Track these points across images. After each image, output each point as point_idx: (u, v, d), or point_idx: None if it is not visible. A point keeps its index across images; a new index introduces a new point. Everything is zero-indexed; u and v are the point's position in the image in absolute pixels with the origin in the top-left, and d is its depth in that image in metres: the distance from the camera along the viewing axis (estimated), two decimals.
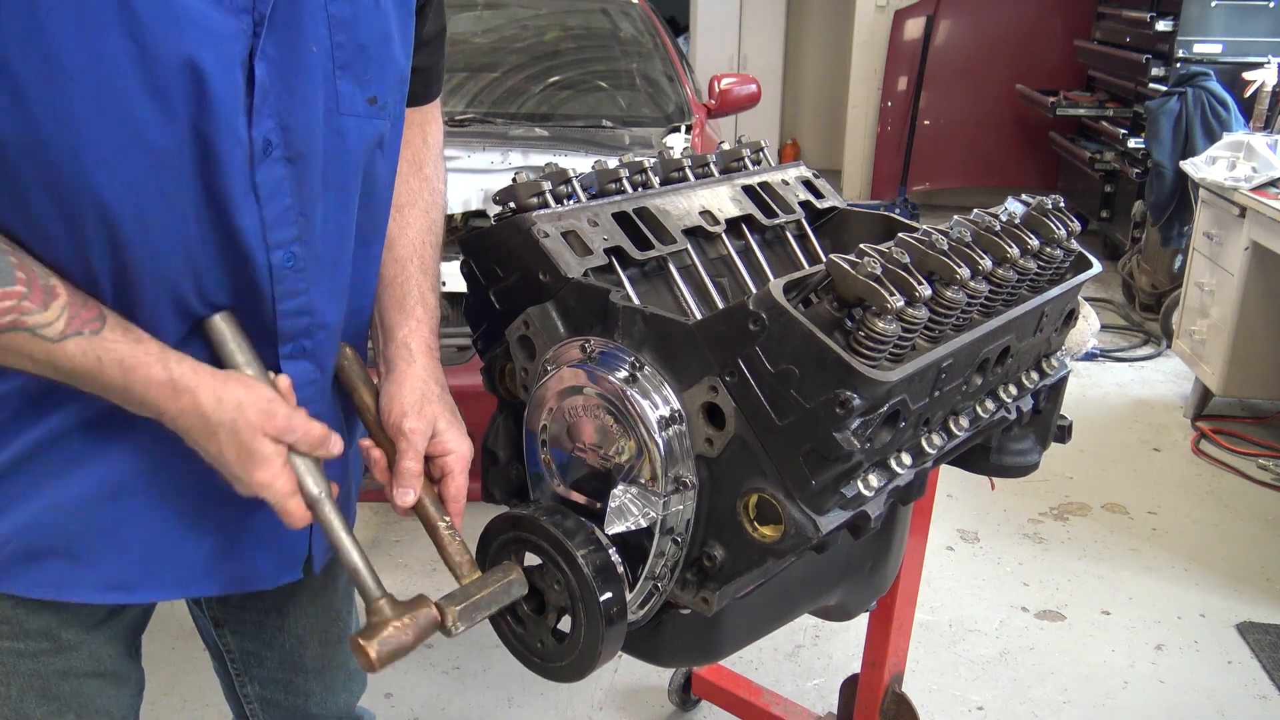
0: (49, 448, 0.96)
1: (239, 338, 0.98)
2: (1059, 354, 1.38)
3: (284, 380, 0.99)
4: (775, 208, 1.44)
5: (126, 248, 0.89)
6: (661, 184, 1.37)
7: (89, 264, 0.89)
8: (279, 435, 0.95)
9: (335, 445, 0.99)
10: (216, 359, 0.97)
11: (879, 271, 0.95)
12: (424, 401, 1.08)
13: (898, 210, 5.69)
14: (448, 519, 1.07)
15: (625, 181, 1.33)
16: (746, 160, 1.50)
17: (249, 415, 0.93)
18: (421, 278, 1.16)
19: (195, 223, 0.91)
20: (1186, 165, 3.91)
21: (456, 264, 1.28)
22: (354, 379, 1.12)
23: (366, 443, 1.09)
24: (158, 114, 0.84)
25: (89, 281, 0.90)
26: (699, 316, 1.16)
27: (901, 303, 0.95)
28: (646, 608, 1.13)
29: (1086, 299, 1.48)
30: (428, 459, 1.08)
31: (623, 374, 1.07)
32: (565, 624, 1.09)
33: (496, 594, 1.05)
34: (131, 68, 0.82)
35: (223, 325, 0.97)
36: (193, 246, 0.92)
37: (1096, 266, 1.33)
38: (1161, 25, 4.83)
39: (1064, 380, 1.40)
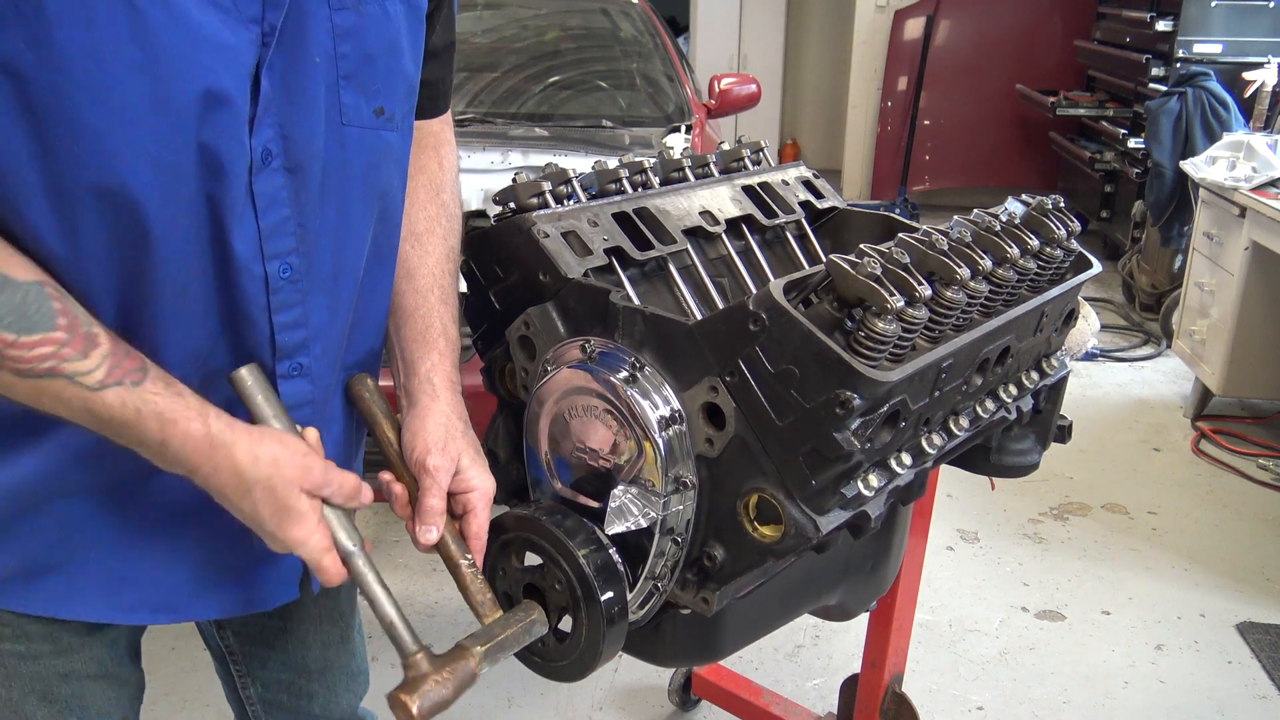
0: (45, 475, 0.95)
1: (267, 390, 0.96)
2: (1059, 354, 1.38)
3: (312, 433, 0.97)
4: (775, 208, 1.44)
5: (129, 259, 0.88)
6: (661, 184, 1.37)
7: (89, 276, 0.88)
8: (315, 489, 0.93)
9: (367, 495, 0.98)
10: (243, 413, 0.94)
11: (879, 272, 0.95)
12: (448, 438, 1.07)
13: (898, 210, 5.69)
14: (469, 557, 1.06)
15: (625, 182, 1.33)
16: (746, 160, 1.50)
17: (285, 472, 0.91)
18: (443, 309, 1.15)
19: (196, 234, 0.90)
20: (1186, 165, 3.91)
21: None
22: (375, 411, 1.10)
23: (387, 477, 1.08)
24: (165, 126, 0.83)
25: (89, 296, 0.89)
26: (699, 317, 1.16)
27: (901, 303, 0.95)
28: (647, 608, 1.13)
29: (1086, 299, 1.48)
30: (450, 495, 1.07)
31: (623, 374, 1.07)
32: (566, 624, 1.09)
33: (519, 634, 1.05)
34: (140, 80, 0.81)
35: (248, 377, 0.95)
36: (194, 258, 0.91)
37: (1096, 266, 1.33)
38: (1161, 25, 4.83)
39: (1064, 380, 1.40)
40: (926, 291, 0.98)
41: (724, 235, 1.36)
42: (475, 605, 1.05)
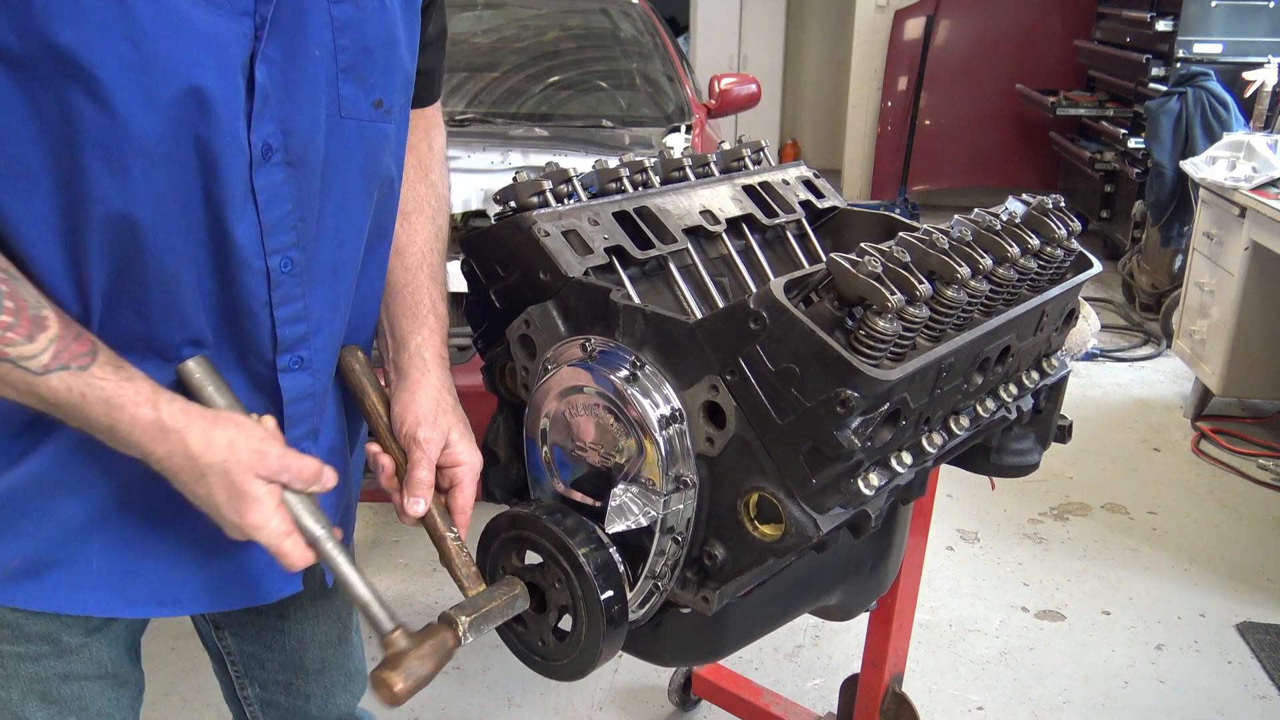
0: (48, 471, 0.95)
1: (217, 381, 0.95)
2: (1059, 354, 1.38)
3: (269, 420, 0.96)
4: (775, 207, 1.44)
5: (122, 253, 0.88)
6: (662, 183, 1.37)
7: (81, 271, 0.88)
8: (272, 475, 0.92)
9: (329, 479, 0.97)
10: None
11: (880, 270, 0.95)
12: (438, 411, 1.08)
13: (898, 210, 5.69)
14: (455, 530, 1.07)
15: (626, 181, 1.33)
16: (747, 160, 1.50)
17: (240, 455, 0.90)
18: (432, 286, 1.16)
19: (191, 228, 0.90)
20: (1186, 165, 3.91)
21: (457, 264, 1.28)
22: (364, 383, 1.11)
23: (375, 448, 1.08)
24: (156, 121, 0.83)
25: (80, 291, 0.89)
26: (699, 316, 1.16)
27: (902, 301, 0.95)
28: (647, 607, 1.13)
29: (1086, 299, 1.48)
30: (437, 469, 1.07)
31: (623, 373, 1.07)
32: (566, 623, 1.09)
33: (503, 607, 1.05)
34: (130, 74, 0.81)
35: (196, 370, 0.94)
36: (189, 252, 0.91)
37: (1096, 266, 1.33)
38: (1161, 25, 4.83)
39: (1064, 380, 1.40)
40: (927, 290, 0.98)
41: (724, 234, 1.36)
42: (460, 578, 1.06)
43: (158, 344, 0.94)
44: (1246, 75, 4.25)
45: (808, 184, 1.53)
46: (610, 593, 1.05)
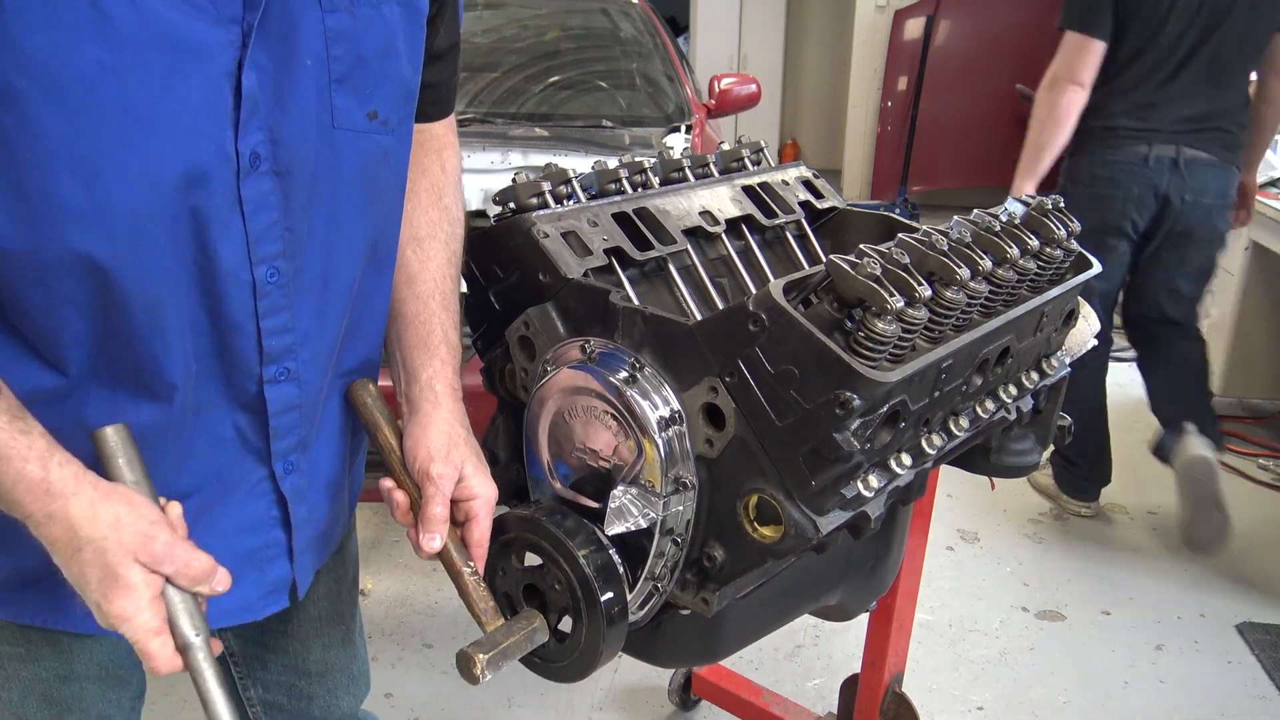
0: None
1: (130, 453, 0.89)
2: (1059, 354, 1.38)
3: (175, 508, 0.90)
4: (775, 208, 1.44)
5: (99, 267, 0.84)
6: (661, 184, 1.37)
7: (59, 289, 0.85)
8: (153, 564, 0.85)
9: (221, 582, 0.89)
10: (103, 474, 0.87)
11: (879, 272, 0.95)
12: (451, 446, 1.06)
13: (898, 210, 5.69)
14: (471, 565, 1.06)
15: (625, 182, 1.33)
16: (746, 160, 1.50)
17: (123, 535, 0.83)
18: (444, 315, 1.14)
19: (175, 240, 0.87)
20: None
21: None
22: (376, 417, 1.10)
23: (389, 484, 1.07)
24: (135, 130, 0.80)
25: (56, 318, 0.86)
26: (699, 317, 1.16)
27: (901, 303, 0.95)
28: (646, 608, 1.13)
29: (1086, 299, 1.48)
30: (452, 502, 1.06)
31: (623, 374, 1.07)
32: (566, 624, 1.10)
33: (521, 642, 1.05)
34: (108, 83, 0.78)
35: (113, 438, 0.88)
36: (175, 267, 0.88)
37: (1096, 266, 1.33)
38: None
39: (1064, 380, 1.40)
40: (926, 292, 0.98)
41: (724, 235, 1.36)
42: (477, 613, 1.05)
43: (146, 376, 0.92)
44: None
45: (807, 184, 1.53)
46: (610, 594, 1.05)
